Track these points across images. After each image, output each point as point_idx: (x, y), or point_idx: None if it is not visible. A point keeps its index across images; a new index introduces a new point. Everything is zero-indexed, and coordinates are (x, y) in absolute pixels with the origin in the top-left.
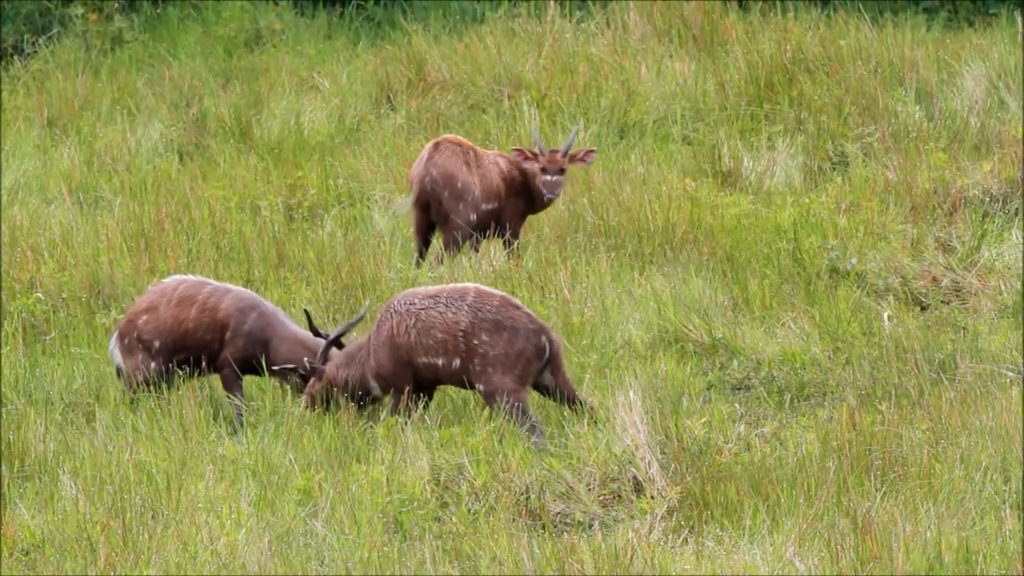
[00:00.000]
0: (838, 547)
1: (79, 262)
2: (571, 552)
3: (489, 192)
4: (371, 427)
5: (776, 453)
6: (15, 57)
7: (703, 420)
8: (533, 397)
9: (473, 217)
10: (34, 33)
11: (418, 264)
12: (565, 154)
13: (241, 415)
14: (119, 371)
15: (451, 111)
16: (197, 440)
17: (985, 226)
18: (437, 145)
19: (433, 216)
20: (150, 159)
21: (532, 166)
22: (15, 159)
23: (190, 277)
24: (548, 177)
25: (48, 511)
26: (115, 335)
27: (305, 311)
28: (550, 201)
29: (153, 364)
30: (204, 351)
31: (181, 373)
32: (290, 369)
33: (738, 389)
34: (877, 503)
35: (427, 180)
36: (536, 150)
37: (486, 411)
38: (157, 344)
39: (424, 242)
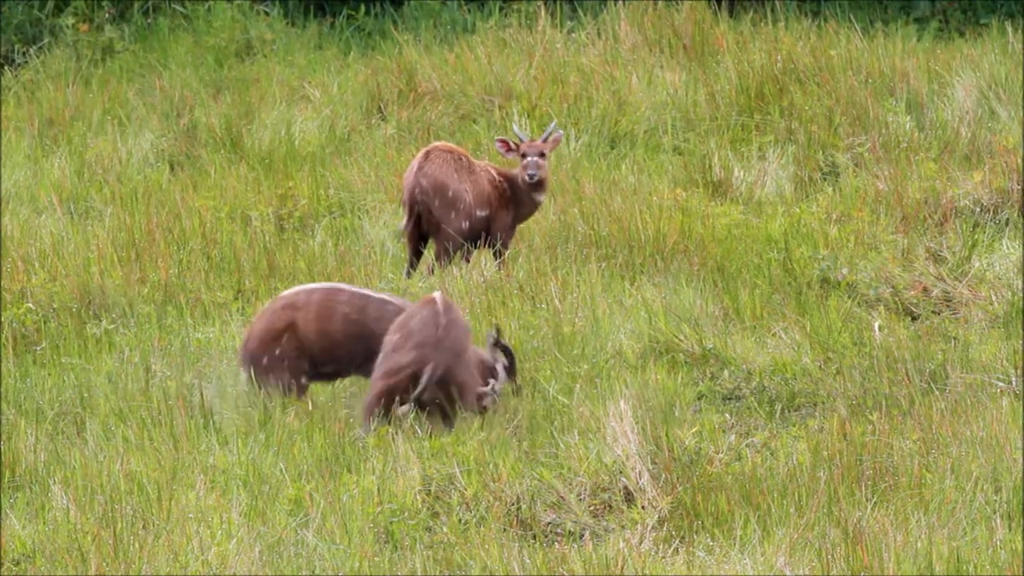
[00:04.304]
0: (829, 557)
1: (70, 272)
2: (562, 562)
3: (481, 199)
4: (362, 436)
5: (767, 463)
6: (6, 67)
7: (694, 430)
8: None
9: (466, 225)
10: (25, 43)
11: (409, 274)
12: (545, 140)
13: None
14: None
15: (442, 121)
16: (187, 450)
17: (976, 236)
18: (427, 154)
19: (424, 226)
20: (141, 169)
21: (515, 156)
22: (6, 169)
23: (320, 285)
24: (528, 159)
25: (39, 521)
26: (244, 357)
27: (496, 328)
28: (532, 179)
29: (303, 379)
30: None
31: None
32: None
33: (729, 399)
34: (868, 513)
35: (417, 191)
36: (518, 141)
37: (477, 421)
38: (306, 362)
39: (416, 252)
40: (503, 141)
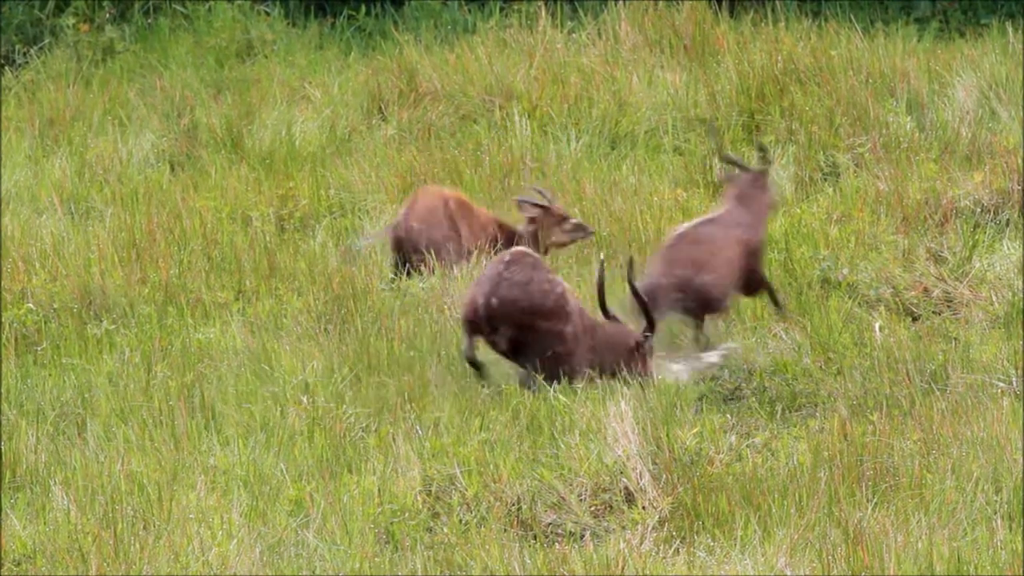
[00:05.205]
0: (829, 557)
1: (70, 272)
2: (562, 562)
3: (472, 243)
4: (363, 437)
5: (767, 463)
6: (6, 67)
7: (694, 430)
8: None
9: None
10: (25, 43)
11: (409, 274)
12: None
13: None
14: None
15: (442, 122)
16: (188, 451)
17: (976, 237)
18: (417, 197)
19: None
20: (141, 169)
21: (545, 219)
22: (6, 169)
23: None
24: (569, 221)
25: (40, 521)
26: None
27: (630, 261)
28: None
29: None
30: None
31: None
32: None
33: (730, 399)
34: (868, 513)
35: (402, 231)
36: (542, 202)
37: (477, 420)
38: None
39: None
40: (525, 203)
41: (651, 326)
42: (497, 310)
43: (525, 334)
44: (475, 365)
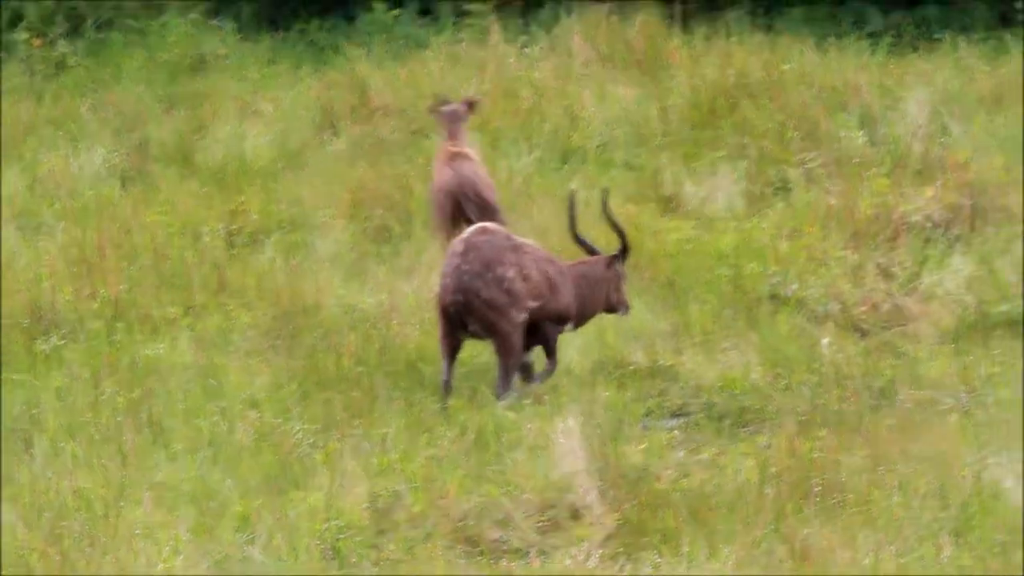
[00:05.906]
0: (776, 574)
1: (20, 288)
2: None
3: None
4: (310, 453)
5: (715, 480)
6: None
7: (642, 447)
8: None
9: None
10: None
11: None
12: None
13: None
14: None
15: (394, 136)
16: (135, 466)
17: (927, 252)
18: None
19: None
20: (92, 184)
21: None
22: None
23: None
24: None
25: None
26: None
27: (604, 192)
28: None
29: None
30: None
31: None
32: None
33: (677, 415)
34: (815, 530)
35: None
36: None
37: (424, 436)
38: None
39: None
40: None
41: (625, 249)
42: (463, 305)
43: (488, 324)
44: (448, 389)
